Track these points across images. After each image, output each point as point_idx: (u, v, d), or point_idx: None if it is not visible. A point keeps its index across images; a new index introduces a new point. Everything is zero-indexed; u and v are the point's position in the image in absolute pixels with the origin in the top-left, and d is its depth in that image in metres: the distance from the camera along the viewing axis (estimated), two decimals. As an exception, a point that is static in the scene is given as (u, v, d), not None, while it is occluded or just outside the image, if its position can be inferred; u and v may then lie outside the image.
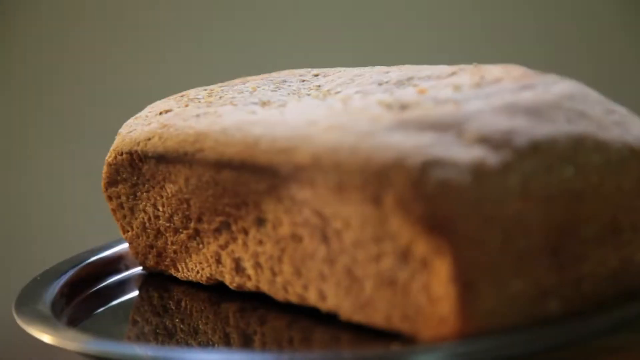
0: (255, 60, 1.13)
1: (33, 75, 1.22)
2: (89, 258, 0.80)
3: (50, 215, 1.24)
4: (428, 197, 0.54)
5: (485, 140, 0.57)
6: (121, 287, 0.79)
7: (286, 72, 0.81)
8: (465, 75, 0.67)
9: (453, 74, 0.68)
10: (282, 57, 1.12)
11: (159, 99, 0.81)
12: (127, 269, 0.80)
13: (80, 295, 0.76)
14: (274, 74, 0.81)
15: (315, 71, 0.79)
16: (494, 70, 0.66)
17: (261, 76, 0.81)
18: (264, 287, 0.69)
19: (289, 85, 0.76)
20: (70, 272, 0.77)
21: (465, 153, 0.56)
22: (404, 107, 0.62)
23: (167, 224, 0.75)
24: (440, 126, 0.58)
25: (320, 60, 0.88)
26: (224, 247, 0.71)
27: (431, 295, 0.56)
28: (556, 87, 0.62)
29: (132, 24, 1.17)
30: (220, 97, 0.75)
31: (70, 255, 0.80)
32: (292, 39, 1.16)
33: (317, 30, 1.15)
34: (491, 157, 0.56)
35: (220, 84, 0.81)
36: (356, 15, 1.14)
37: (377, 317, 0.61)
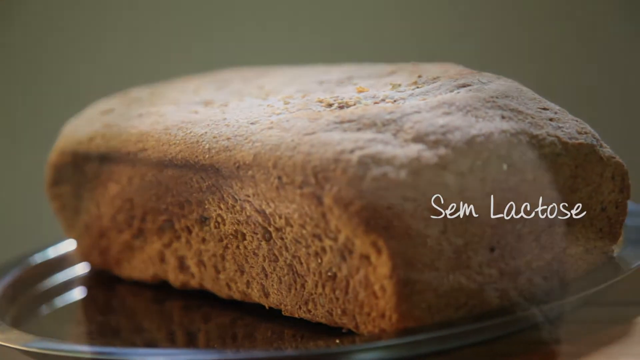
0: (199, 59, 1.13)
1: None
2: (32, 258, 0.79)
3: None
4: (365, 193, 0.55)
5: (422, 137, 0.58)
6: (65, 286, 0.78)
7: (229, 71, 0.81)
8: (404, 73, 0.68)
9: (392, 72, 0.69)
10: (225, 55, 1.12)
11: (101, 97, 0.81)
12: (71, 268, 0.80)
13: (24, 296, 0.76)
14: (217, 74, 0.81)
15: (257, 70, 0.80)
16: (431, 69, 0.67)
17: (204, 75, 0.81)
18: (208, 285, 0.70)
19: (232, 85, 0.76)
20: (14, 273, 0.77)
21: (402, 150, 0.57)
22: (343, 105, 0.62)
23: (111, 224, 0.75)
24: (378, 124, 0.59)
25: (262, 58, 0.89)
26: (167, 245, 0.71)
27: (370, 290, 0.57)
28: (491, 85, 0.63)
29: (73, 21, 1.16)
30: (163, 97, 0.75)
31: (13, 256, 0.80)
32: (234, 37, 1.16)
33: (259, 28, 1.15)
34: (428, 154, 0.57)
35: (163, 83, 0.81)
36: (299, 13, 1.15)
37: (319, 312, 0.61)
